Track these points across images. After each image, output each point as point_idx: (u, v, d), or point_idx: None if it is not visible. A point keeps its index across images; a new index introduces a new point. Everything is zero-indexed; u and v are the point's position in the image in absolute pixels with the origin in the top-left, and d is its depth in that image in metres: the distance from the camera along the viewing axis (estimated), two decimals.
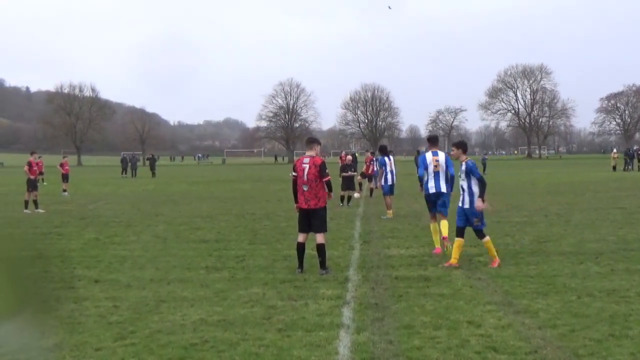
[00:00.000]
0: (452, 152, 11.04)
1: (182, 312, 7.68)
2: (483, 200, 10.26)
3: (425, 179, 12.08)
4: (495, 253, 10.39)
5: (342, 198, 22.06)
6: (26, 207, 21.66)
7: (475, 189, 10.28)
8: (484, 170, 50.45)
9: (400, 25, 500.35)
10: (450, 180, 12.14)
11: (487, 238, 10.44)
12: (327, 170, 10.02)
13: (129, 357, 6.04)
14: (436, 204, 11.98)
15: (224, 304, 8.06)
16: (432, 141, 12.83)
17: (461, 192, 10.47)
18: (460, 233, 10.46)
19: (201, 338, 6.57)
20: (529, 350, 5.98)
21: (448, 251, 10.98)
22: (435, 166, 12.09)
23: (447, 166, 12.16)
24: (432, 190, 11.94)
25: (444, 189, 11.91)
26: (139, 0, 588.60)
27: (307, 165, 9.97)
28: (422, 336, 6.50)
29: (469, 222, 10.42)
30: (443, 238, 11.65)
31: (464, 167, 10.40)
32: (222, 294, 8.61)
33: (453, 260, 10.32)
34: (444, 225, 11.75)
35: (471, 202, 10.30)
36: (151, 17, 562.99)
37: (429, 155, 12.30)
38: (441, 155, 12.34)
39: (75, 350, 6.23)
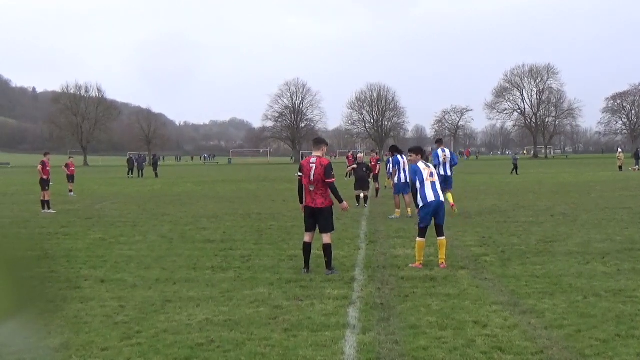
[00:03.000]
0: (409, 158, 11.60)
1: (188, 312, 7.70)
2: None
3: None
4: (421, 258, 10.39)
5: (357, 198, 21.94)
6: (47, 207, 21.82)
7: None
8: (516, 170, 48.87)
9: (407, 25, 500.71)
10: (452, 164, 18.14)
11: (420, 240, 10.42)
12: (332, 172, 10.01)
13: (135, 357, 6.05)
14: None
15: (230, 304, 8.07)
16: (439, 141, 19.29)
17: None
18: (422, 233, 10.44)
19: (207, 338, 6.57)
20: (535, 351, 5.97)
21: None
22: (444, 158, 17.83)
23: (451, 158, 18.23)
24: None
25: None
26: (145, 0, 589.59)
27: (314, 165, 9.96)
28: (428, 336, 6.50)
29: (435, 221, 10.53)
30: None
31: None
32: (228, 294, 8.62)
33: (418, 263, 10.34)
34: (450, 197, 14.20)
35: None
36: (157, 18, 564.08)
37: (440, 151, 18.08)
38: (447, 151, 18.31)
39: (81, 350, 6.25)
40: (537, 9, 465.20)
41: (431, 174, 10.67)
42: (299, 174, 10.17)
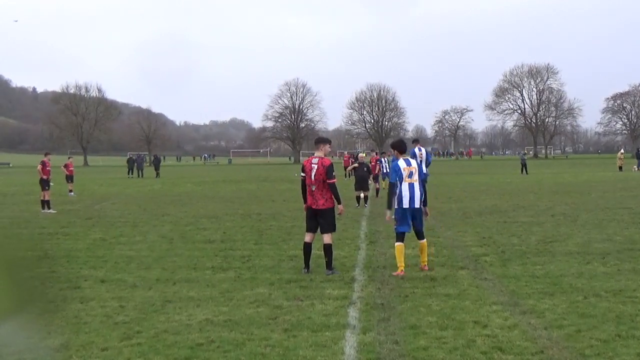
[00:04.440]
0: (393, 153, 10.91)
1: (188, 312, 7.70)
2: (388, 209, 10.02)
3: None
4: (402, 264, 9.78)
5: (357, 199, 21.85)
6: (47, 207, 21.79)
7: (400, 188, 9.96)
8: (525, 170, 48.82)
9: (407, 25, 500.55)
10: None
11: (399, 244, 9.89)
12: (334, 173, 9.99)
13: (135, 357, 6.05)
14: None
15: (230, 304, 8.08)
16: (416, 141, 20.66)
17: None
18: (399, 237, 9.97)
19: (207, 338, 6.58)
20: (535, 351, 5.97)
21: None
22: (420, 157, 18.59)
23: (427, 156, 19.08)
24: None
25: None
26: (145, 0, 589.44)
27: (316, 166, 9.96)
28: (428, 336, 6.50)
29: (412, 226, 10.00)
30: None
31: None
32: (228, 294, 8.62)
33: (400, 270, 9.72)
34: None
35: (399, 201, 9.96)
36: (157, 17, 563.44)
37: (417, 150, 19.31)
38: (423, 150, 19.87)
39: (81, 350, 6.25)
40: (537, 9, 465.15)
41: (410, 174, 9.92)
42: (302, 174, 10.17)
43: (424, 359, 5.85)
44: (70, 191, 30.90)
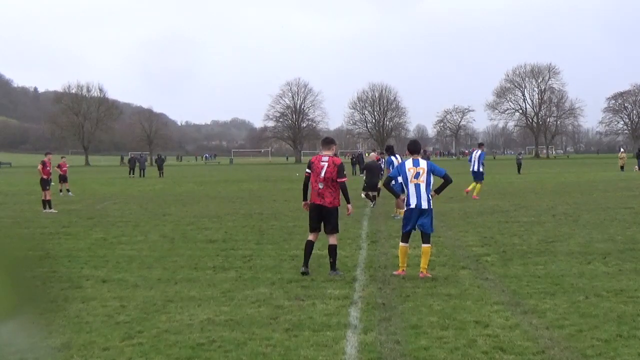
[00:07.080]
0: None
1: (189, 311, 7.70)
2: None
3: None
4: (404, 264, 9.75)
5: (367, 196, 21.73)
6: (48, 207, 21.78)
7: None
8: (519, 170, 49.75)
9: (409, 25, 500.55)
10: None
11: (402, 244, 9.80)
12: (344, 172, 10.03)
13: (137, 357, 6.05)
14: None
15: (231, 303, 8.08)
16: (390, 149, 19.99)
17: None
18: (403, 238, 9.85)
19: (208, 338, 6.58)
20: (537, 351, 5.97)
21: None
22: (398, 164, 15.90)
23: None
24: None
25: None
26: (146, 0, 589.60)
27: (326, 164, 9.96)
28: (429, 336, 6.50)
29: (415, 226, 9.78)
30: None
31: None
32: (230, 293, 8.62)
33: (401, 269, 9.72)
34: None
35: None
36: (158, 17, 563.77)
37: (394, 158, 18.66)
38: (398, 157, 18.84)
39: (82, 350, 6.25)
40: (539, 9, 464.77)
41: (417, 175, 9.71)
42: (307, 170, 10.16)
43: (425, 359, 5.85)
44: (68, 190, 30.74)
